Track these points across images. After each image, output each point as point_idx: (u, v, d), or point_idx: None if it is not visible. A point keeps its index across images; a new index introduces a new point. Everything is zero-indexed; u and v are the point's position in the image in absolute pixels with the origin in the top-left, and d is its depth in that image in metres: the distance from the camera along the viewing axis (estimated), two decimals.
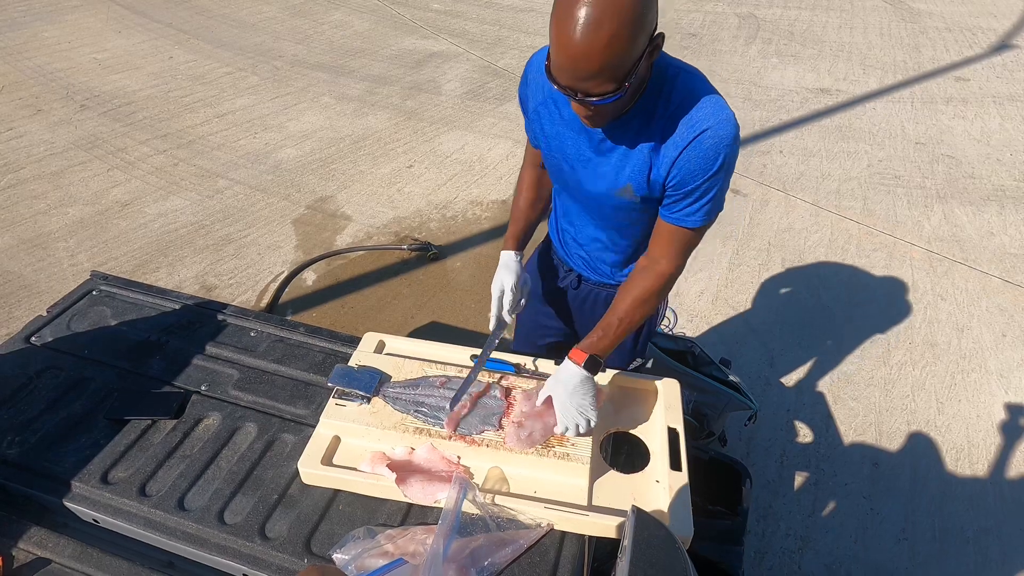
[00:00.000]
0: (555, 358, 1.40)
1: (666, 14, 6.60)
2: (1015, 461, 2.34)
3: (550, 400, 1.19)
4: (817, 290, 3.10)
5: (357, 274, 3.12)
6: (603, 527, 1.09)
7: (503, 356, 1.39)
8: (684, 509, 1.11)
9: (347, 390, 1.25)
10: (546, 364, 1.39)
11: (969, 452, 2.36)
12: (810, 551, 2.04)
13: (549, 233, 1.55)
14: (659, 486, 1.17)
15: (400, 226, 3.46)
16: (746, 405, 2.01)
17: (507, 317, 1.37)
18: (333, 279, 3.09)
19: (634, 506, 0.90)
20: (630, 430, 1.28)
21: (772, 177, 3.97)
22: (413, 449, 1.19)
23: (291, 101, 4.72)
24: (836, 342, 2.81)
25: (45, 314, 1.53)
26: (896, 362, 2.72)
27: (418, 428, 1.19)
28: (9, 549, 1.09)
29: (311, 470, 1.15)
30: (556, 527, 1.10)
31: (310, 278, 3.10)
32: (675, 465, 1.19)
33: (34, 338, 1.47)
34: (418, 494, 1.12)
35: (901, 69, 5.44)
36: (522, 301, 1.41)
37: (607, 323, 1.22)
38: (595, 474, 1.17)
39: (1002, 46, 5.92)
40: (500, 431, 1.19)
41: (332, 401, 1.24)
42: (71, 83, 4.84)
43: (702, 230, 1.17)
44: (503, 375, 1.32)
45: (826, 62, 5.56)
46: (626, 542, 0.86)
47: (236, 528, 1.10)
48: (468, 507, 1.09)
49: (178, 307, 1.57)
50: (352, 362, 1.33)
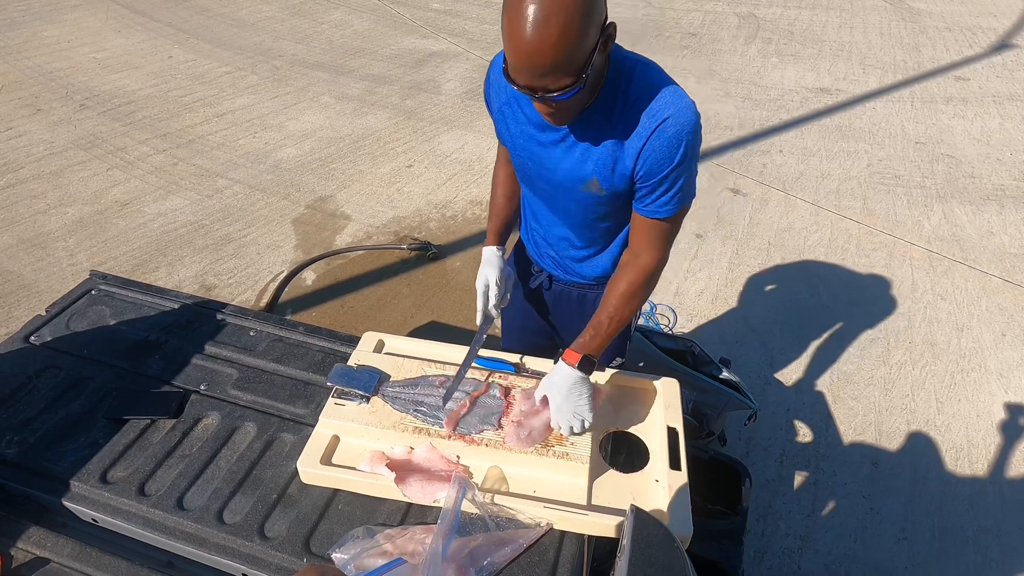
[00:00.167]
0: (547, 357, 1.41)
1: (666, 14, 6.60)
2: (1015, 461, 2.34)
3: (547, 400, 1.19)
4: (817, 289, 3.10)
5: (357, 274, 3.12)
6: (602, 526, 1.08)
7: (503, 356, 1.39)
8: (683, 509, 1.11)
9: (346, 389, 1.24)
10: (545, 363, 1.38)
11: (969, 452, 2.36)
12: (810, 551, 2.04)
13: (520, 235, 1.55)
14: (658, 485, 1.16)
15: (400, 226, 3.46)
16: (746, 405, 2.01)
17: (493, 312, 1.38)
18: (333, 279, 3.09)
19: (633, 505, 0.90)
20: (630, 430, 1.28)
21: (772, 177, 3.96)
22: (412, 448, 1.18)
23: (291, 100, 4.72)
24: (836, 342, 2.81)
25: (44, 313, 1.53)
26: (896, 361, 2.72)
27: (417, 427, 1.19)
28: (8, 548, 1.09)
29: (310, 469, 1.15)
30: (555, 526, 1.10)
31: (309, 278, 3.09)
32: (675, 464, 1.19)
33: (33, 337, 1.47)
34: (417, 493, 1.12)
35: (901, 68, 5.44)
36: (507, 295, 1.42)
37: (597, 322, 1.23)
38: (594, 473, 1.17)
39: (1002, 45, 5.92)
40: (499, 430, 1.19)
41: (331, 400, 1.24)
42: (71, 82, 4.83)
43: (677, 218, 1.18)
44: (502, 374, 1.32)
45: (826, 61, 5.56)
46: (625, 541, 0.86)
47: (235, 527, 1.10)
48: (467, 506, 1.09)
49: (177, 306, 1.57)
50: (351, 361, 1.33)
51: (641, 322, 2.83)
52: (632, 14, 6.57)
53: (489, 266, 1.39)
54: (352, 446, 1.20)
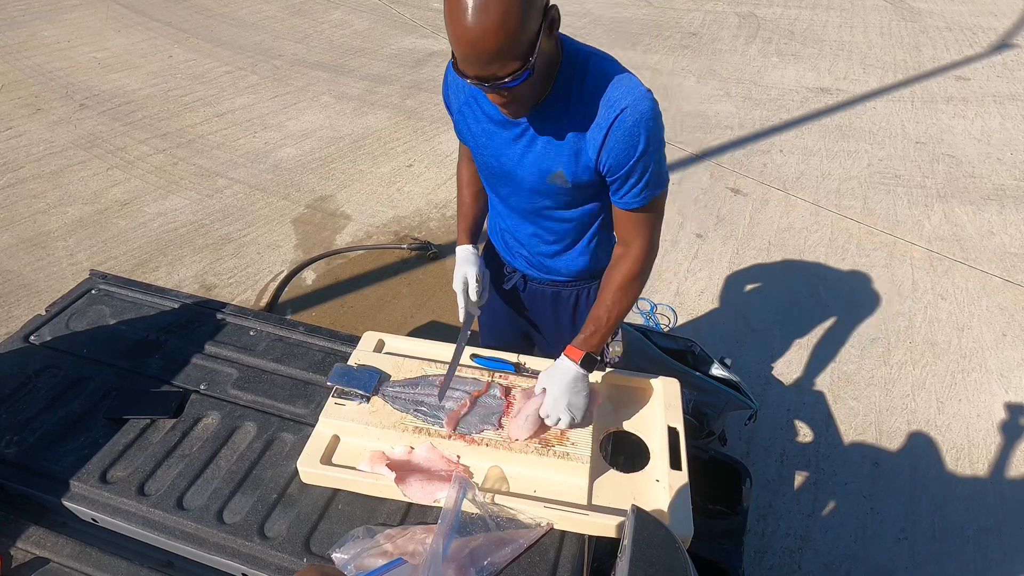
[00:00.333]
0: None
1: (666, 13, 6.60)
2: (1015, 460, 2.34)
3: (545, 392, 1.19)
4: (817, 289, 3.10)
5: (357, 273, 3.12)
6: (603, 526, 1.08)
7: (503, 356, 1.39)
8: (684, 508, 1.11)
9: (346, 389, 1.24)
10: (545, 363, 1.38)
11: (969, 451, 2.36)
12: (810, 550, 2.04)
13: (491, 238, 1.56)
14: (659, 485, 1.16)
15: (400, 225, 3.46)
16: (746, 404, 2.01)
17: (474, 309, 1.39)
18: (333, 278, 3.09)
19: (634, 505, 0.90)
20: (630, 429, 1.28)
21: (772, 176, 3.96)
22: (412, 448, 1.18)
23: (291, 100, 4.72)
24: (836, 341, 2.81)
25: (44, 313, 1.53)
26: (896, 361, 2.72)
27: (417, 427, 1.19)
28: (8, 548, 1.08)
29: (310, 469, 1.15)
30: (556, 526, 1.10)
31: (310, 277, 3.09)
32: (675, 464, 1.19)
33: (33, 337, 1.47)
34: (417, 493, 1.12)
35: (901, 68, 5.44)
36: (485, 292, 1.43)
37: (597, 317, 1.23)
38: (595, 473, 1.16)
39: (1002, 45, 5.92)
40: (500, 430, 1.19)
41: (331, 400, 1.24)
42: (70, 82, 4.83)
43: (655, 204, 1.18)
44: (502, 374, 1.31)
45: (826, 61, 5.55)
46: (626, 541, 0.86)
47: (235, 527, 1.10)
48: (468, 506, 1.09)
49: (177, 306, 1.57)
50: (351, 361, 1.33)
51: (641, 322, 2.83)
52: (632, 14, 6.57)
53: (466, 264, 1.39)
54: (352, 446, 1.20)
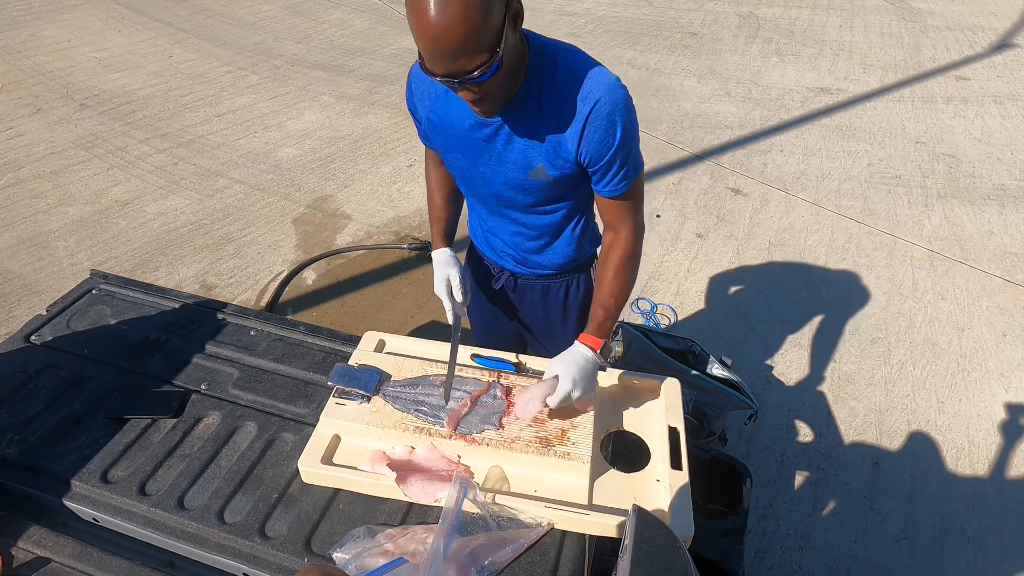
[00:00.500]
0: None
1: (666, 13, 6.60)
2: (1015, 460, 2.34)
3: (541, 386, 1.19)
4: (817, 289, 3.10)
5: (357, 273, 3.12)
6: (604, 526, 1.08)
7: (503, 356, 1.39)
8: (685, 508, 1.11)
9: (347, 389, 1.24)
10: (545, 363, 1.38)
11: (969, 451, 2.36)
12: (810, 550, 2.04)
13: (474, 242, 1.56)
14: (660, 485, 1.16)
15: (400, 225, 3.46)
16: (746, 404, 2.00)
17: (460, 310, 1.38)
18: (333, 278, 3.09)
19: (635, 505, 0.90)
20: (631, 429, 1.28)
21: (772, 176, 3.96)
22: (413, 448, 1.18)
23: (291, 100, 4.72)
24: (836, 341, 2.81)
25: (45, 313, 1.53)
26: (896, 361, 2.72)
27: (418, 427, 1.19)
28: (9, 548, 1.08)
29: (311, 469, 1.15)
30: (557, 526, 1.10)
31: (310, 277, 3.09)
32: (676, 464, 1.19)
33: (34, 337, 1.47)
34: (418, 493, 1.12)
35: (901, 68, 5.44)
36: (468, 293, 1.43)
37: (604, 304, 1.26)
38: (596, 473, 1.16)
39: (1003, 45, 5.92)
40: (500, 430, 1.19)
41: (332, 400, 1.24)
42: (71, 82, 4.83)
43: (635, 188, 1.22)
44: (503, 374, 1.31)
45: (826, 61, 5.55)
46: (627, 541, 0.86)
47: (236, 527, 1.10)
48: (468, 506, 1.09)
49: (178, 306, 1.57)
50: (352, 361, 1.33)
51: (641, 322, 2.83)
52: (632, 14, 6.57)
53: (445, 267, 1.39)
54: (353, 446, 1.20)
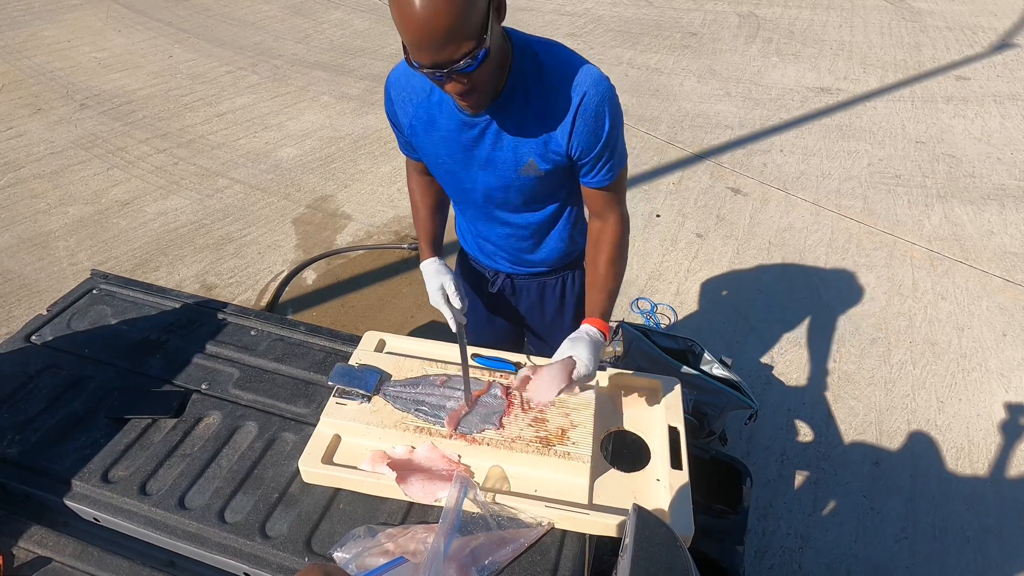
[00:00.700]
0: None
1: (666, 13, 6.60)
2: (1015, 460, 2.34)
3: (563, 363, 1.18)
4: (817, 289, 3.10)
5: (357, 273, 3.12)
6: (604, 526, 1.08)
7: (504, 355, 1.39)
8: (685, 508, 1.11)
9: (348, 389, 1.24)
10: (545, 363, 1.38)
11: (969, 451, 2.36)
12: (810, 550, 2.04)
13: (465, 248, 1.56)
14: (660, 485, 1.16)
15: (400, 225, 3.46)
16: (746, 404, 2.01)
17: (461, 317, 1.36)
18: (333, 278, 3.09)
19: (635, 504, 0.90)
20: (631, 429, 1.28)
21: (772, 176, 3.96)
22: (414, 448, 1.18)
23: (291, 100, 4.72)
24: (836, 341, 2.81)
25: (45, 313, 1.53)
26: (896, 361, 2.72)
27: (419, 427, 1.19)
28: (10, 548, 1.08)
29: (312, 469, 1.15)
30: (557, 526, 1.10)
31: (310, 277, 3.10)
32: (676, 464, 1.19)
33: (34, 337, 1.47)
34: (419, 493, 1.12)
35: (901, 68, 5.44)
36: (465, 299, 1.41)
37: (605, 288, 1.29)
38: (596, 473, 1.17)
39: (1003, 45, 5.92)
40: (501, 430, 1.19)
41: (332, 400, 1.24)
42: (71, 82, 4.83)
43: (623, 176, 1.26)
44: (503, 374, 1.31)
45: (826, 61, 5.55)
46: (628, 540, 0.86)
47: (237, 527, 1.10)
48: (469, 506, 1.09)
49: (178, 306, 1.57)
50: (352, 361, 1.33)
51: (641, 321, 2.83)
52: (632, 13, 6.57)
53: (438, 276, 1.36)
54: (353, 445, 1.20)
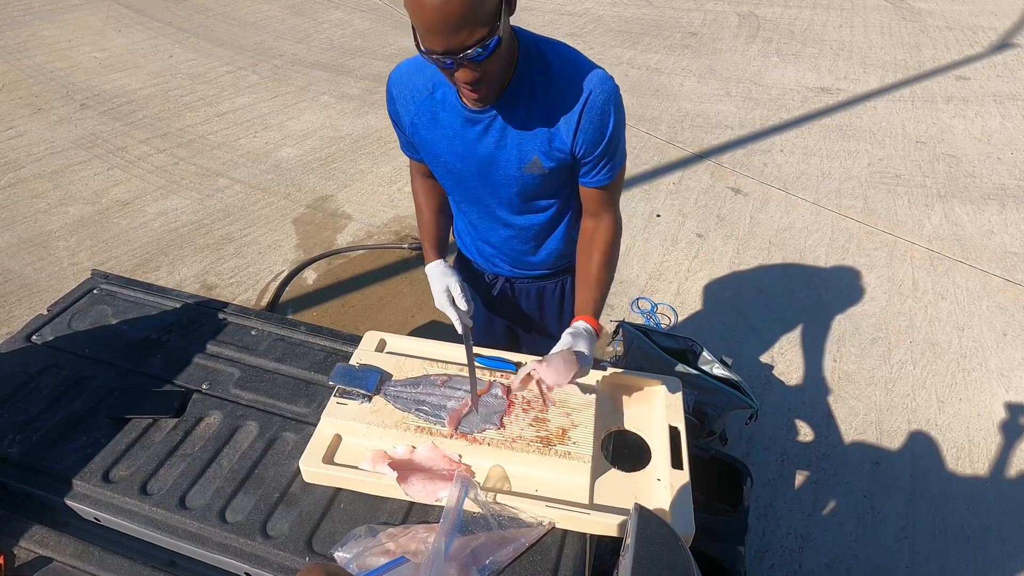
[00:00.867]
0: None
1: (666, 13, 6.60)
2: (1016, 460, 2.34)
3: (570, 351, 1.18)
4: (818, 289, 3.10)
5: (358, 273, 3.12)
6: (605, 525, 1.08)
7: (504, 355, 1.39)
8: (685, 507, 1.11)
9: (348, 388, 1.24)
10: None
11: (970, 451, 2.36)
12: (810, 549, 2.04)
13: (464, 252, 1.56)
14: (660, 484, 1.16)
15: (401, 225, 3.46)
16: (747, 404, 2.01)
17: (466, 319, 1.35)
18: (334, 278, 3.09)
19: (637, 504, 0.90)
20: (631, 429, 1.28)
21: (773, 176, 3.96)
22: (414, 448, 1.18)
23: (291, 100, 4.72)
24: (837, 341, 2.81)
25: (46, 313, 1.53)
26: (897, 361, 2.72)
27: (419, 427, 1.19)
28: (11, 547, 1.09)
29: (312, 468, 1.15)
30: (558, 525, 1.10)
31: (311, 277, 3.10)
32: (676, 464, 1.19)
33: (35, 337, 1.47)
34: (419, 492, 1.12)
35: (902, 68, 5.44)
36: (470, 301, 1.40)
37: (598, 290, 1.29)
38: (596, 473, 1.17)
39: (1003, 45, 5.92)
40: (501, 429, 1.19)
41: (333, 400, 1.24)
42: (71, 82, 4.83)
43: (621, 177, 1.27)
44: (504, 374, 1.32)
45: (826, 61, 5.55)
46: (629, 540, 0.86)
47: (237, 526, 1.10)
48: (469, 505, 1.09)
49: (179, 306, 1.57)
50: (353, 361, 1.33)
51: (642, 321, 2.83)
52: (632, 13, 6.57)
53: (443, 277, 1.36)
54: (354, 445, 1.20)
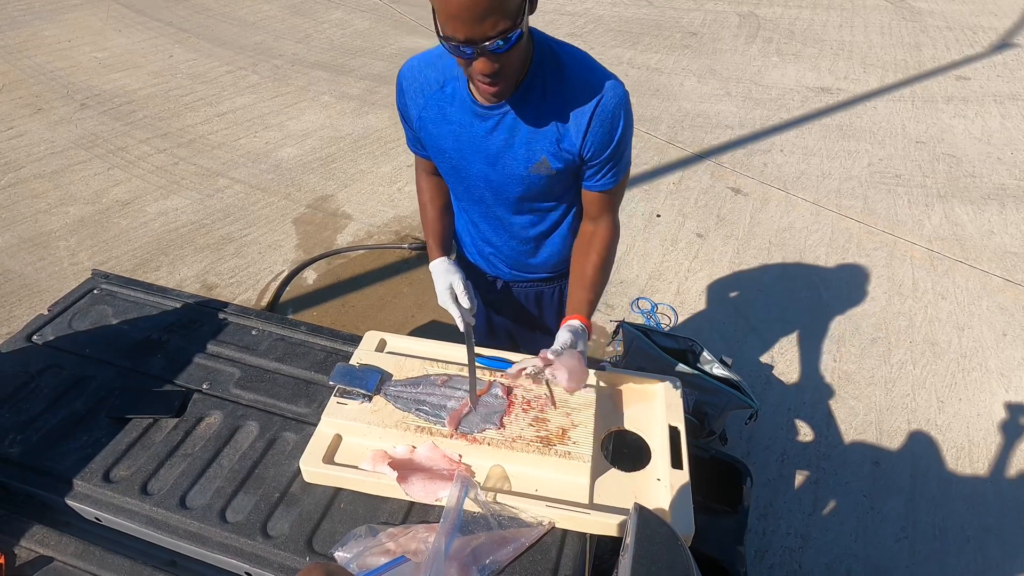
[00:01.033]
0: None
1: (666, 13, 6.60)
2: (1015, 460, 2.34)
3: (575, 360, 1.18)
4: (818, 289, 3.10)
5: (358, 273, 3.13)
6: (605, 525, 1.09)
7: (504, 355, 1.39)
8: (685, 507, 1.11)
9: (348, 388, 1.24)
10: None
11: (969, 451, 2.37)
12: (810, 549, 2.04)
13: (464, 253, 1.56)
14: (660, 484, 1.16)
15: (401, 225, 3.46)
16: (747, 404, 2.01)
17: (469, 317, 1.35)
18: (334, 278, 3.09)
19: (636, 503, 0.90)
20: (631, 428, 1.28)
21: (773, 176, 3.96)
22: (414, 447, 1.19)
23: (291, 100, 4.72)
24: (837, 341, 2.81)
25: (46, 313, 1.53)
26: (897, 361, 2.72)
27: (419, 426, 1.19)
28: (11, 547, 1.09)
29: (313, 468, 1.15)
30: (557, 525, 1.10)
31: (311, 277, 3.10)
32: (676, 463, 1.19)
33: (35, 337, 1.47)
34: (420, 492, 1.12)
35: (902, 68, 5.44)
36: (474, 299, 1.40)
37: (592, 291, 1.29)
38: (596, 472, 1.17)
39: (1003, 45, 5.92)
40: (501, 429, 1.19)
41: (333, 399, 1.24)
42: (71, 82, 4.83)
43: (625, 182, 1.28)
44: (504, 374, 1.31)
45: (827, 61, 5.55)
46: (628, 540, 0.86)
47: (238, 526, 1.10)
48: (470, 505, 1.09)
49: (179, 306, 1.57)
50: (353, 360, 1.33)
51: (642, 321, 2.83)
52: (632, 13, 6.57)
53: (447, 275, 1.35)
54: (354, 445, 1.20)
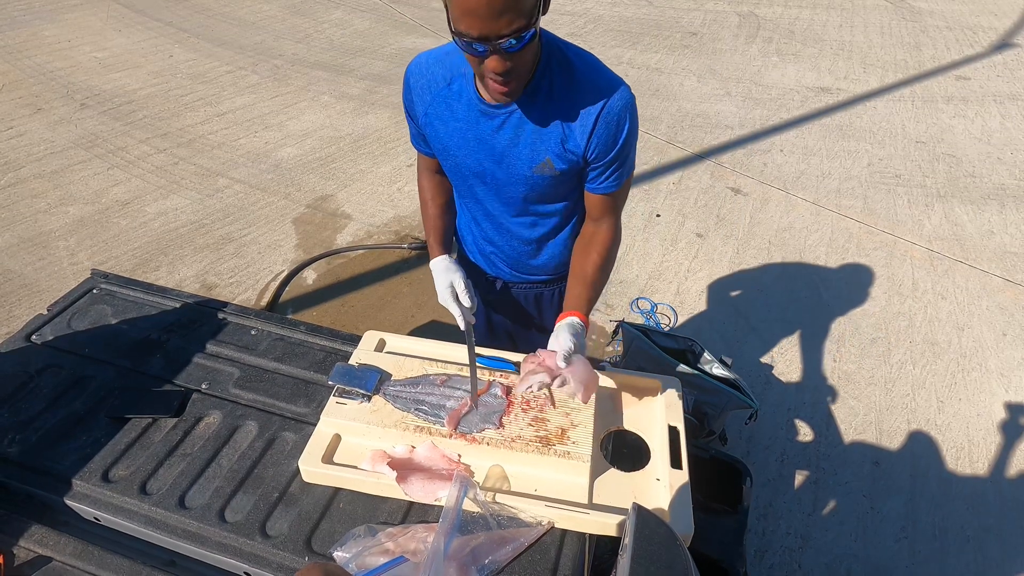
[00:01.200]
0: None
1: (666, 13, 6.60)
2: (1015, 460, 2.34)
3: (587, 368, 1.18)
4: (817, 289, 3.10)
5: (357, 273, 3.12)
6: (604, 525, 1.09)
7: (504, 355, 1.39)
8: (684, 507, 1.11)
9: (348, 388, 1.24)
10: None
11: (969, 451, 2.36)
12: (810, 549, 2.04)
13: (465, 252, 1.56)
14: (660, 484, 1.16)
15: (400, 225, 3.46)
16: (746, 404, 2.01)
17: (470, 316, 1.35)
18: (333, 278, 3.09)
19: (635, 503, 0.90)
20: (631, 428, 1.28)
21: (772, 176, 3.96)
22: (414, 447, 1.19)
23: (291, 100, 4.72)
24: (836, 341, 2.81)
25: (45, 312, 1.53)
26: (896, 361, 2.72)
27: (419, 426, 1.19)
28: (10, 547, 1.09)
29: (312, 468, 1.15)
30: (557, 525, 1.10)
31: (310, 277, 3.10)
32: (676, 463, 1.19)
33: (35, 336, 1.47)
34: (419, 492, 1.12)
35: (902, 68, 5.44)
36: (474, 297, 1.39)
37: (593, 286, 1.28)
38: (596, 472, 1.17)
39: (1003, 45, 5.92)
40: (501, 429, 1.19)
41: (333, 399, 1.24)
42: (71, 82, 4.83)
43: (628, 185, 1.27)
44: (503, 373, 1.32)
45: (827, 61, 5.55)
46: (627, 540, 0.86)
47: (237, 526, 1.10)
48: (469, 505, 1.09)
49: (178, 305, 1.57)
50: (353, 360, 1.33)
51: (641, 321, 2.83)
52: (632, 13, 6.57)
53: (447, 273, 1.34)
54: (353, 445, 1.20)
